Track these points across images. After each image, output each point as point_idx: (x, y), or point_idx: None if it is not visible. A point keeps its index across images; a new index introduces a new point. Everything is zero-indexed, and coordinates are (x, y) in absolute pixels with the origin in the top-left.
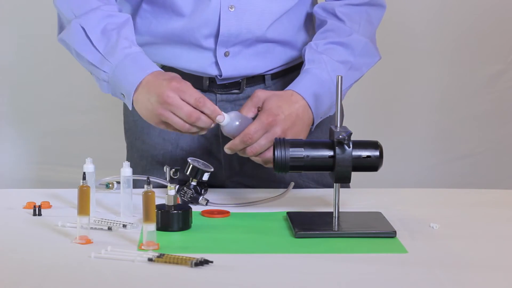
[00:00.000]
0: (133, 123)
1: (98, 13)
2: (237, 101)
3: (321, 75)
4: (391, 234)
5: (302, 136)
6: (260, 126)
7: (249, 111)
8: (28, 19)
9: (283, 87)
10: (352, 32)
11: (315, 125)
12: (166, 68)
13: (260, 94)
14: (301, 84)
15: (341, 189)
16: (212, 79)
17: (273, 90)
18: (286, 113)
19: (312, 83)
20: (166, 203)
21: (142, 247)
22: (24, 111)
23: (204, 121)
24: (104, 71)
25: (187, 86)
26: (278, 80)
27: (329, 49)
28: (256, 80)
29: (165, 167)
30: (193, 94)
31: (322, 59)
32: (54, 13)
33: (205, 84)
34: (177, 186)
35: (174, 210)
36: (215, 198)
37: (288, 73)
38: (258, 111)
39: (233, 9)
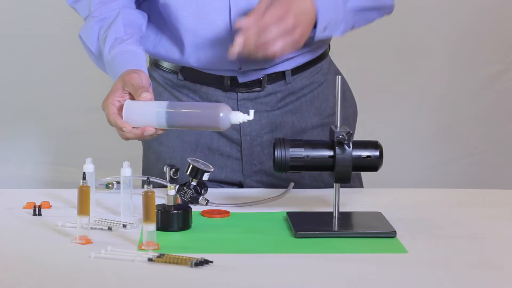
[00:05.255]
0: None
1: (91, 21)
2: (258, 99)
3: None
4: (391, 234)
5: (307, 34)
6: (273, 16)
7: (260, 8)
8: (28, 19)
9: (303, 82)
10: None
11: (317, 31)
12: (186, 69)
13: None
14: None
15: (341, 189)
16: (233, 78)
17: (294, 82)
18: (298, 7)
19: None
20: (166, 203)
21: (142, 247)
22: (24, 111)
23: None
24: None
25: (114, 120)
26: (298, 76)
27: None
28: (277, 77)
29: (165, 167)
30: (119, 127)
31: None
32: (54, 13)
33: (226, 83)
34: (177, 186)
35: (174, 210)
36: (215, 198)
37: (307, 67)
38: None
39: None
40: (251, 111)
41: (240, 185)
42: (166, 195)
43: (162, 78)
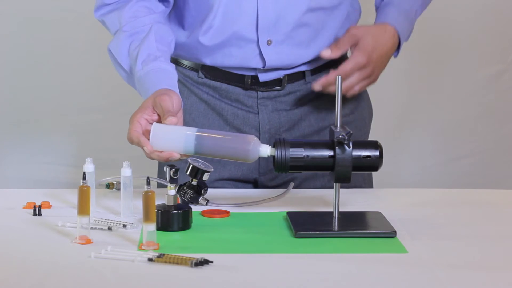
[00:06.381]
0: None
1: (121, 36)
2: (278, 98)
3: (404, 5)
4: (391, 234)
5: (382, 71)
6: (356, 66)
7: (344, 46)
8: (28, 19)
9: None
10: None
11: (399, 50)
12: (206, 67)
13: (356, 31)
14: (391, 16)
15: (341, 189)
16: (254, 77)
17: (313, 82)
18: (379, 53)
19: (399, 13)
20: (166, 203)
21: (142, 247)
22: (24, 111)
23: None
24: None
25: (136, 138)
26: (317, 76)
27: None
28: (296, 76)
29: (165, 167)
30: (141, 146)
31: None
32: (55, 14)
33: (247, 82)
34: (177, 186)
35: (174, 210)
36: (215, 198)
37: (327, 68)
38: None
39: None
40: None
41: (255, 183)
42: (166, 195)
43: (182, 75)
